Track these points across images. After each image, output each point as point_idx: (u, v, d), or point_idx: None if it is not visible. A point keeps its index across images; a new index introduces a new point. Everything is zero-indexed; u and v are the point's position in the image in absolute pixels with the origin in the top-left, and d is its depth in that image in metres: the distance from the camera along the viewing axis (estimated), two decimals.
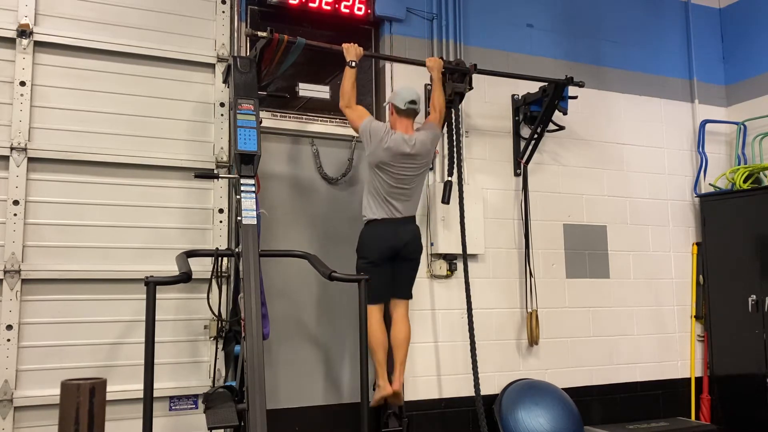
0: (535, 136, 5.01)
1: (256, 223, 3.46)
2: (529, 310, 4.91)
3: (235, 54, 4.24)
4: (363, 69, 4.10)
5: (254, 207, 3.49)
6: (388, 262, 4.01)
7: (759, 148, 5.73)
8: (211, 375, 3.94)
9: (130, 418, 3.68)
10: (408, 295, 4.16)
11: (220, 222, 4.15)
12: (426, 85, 4.63)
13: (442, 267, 4.67)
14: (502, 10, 5.19)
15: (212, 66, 4.26)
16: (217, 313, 3.84)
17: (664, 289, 5.56)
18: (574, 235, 5.23)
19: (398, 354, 4.05)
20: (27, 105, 3.79)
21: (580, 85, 4.80)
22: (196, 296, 3.98)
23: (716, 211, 5.59)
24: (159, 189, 4.06)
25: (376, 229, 3.98)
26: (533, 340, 4.87)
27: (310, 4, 4.52)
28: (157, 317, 3.03)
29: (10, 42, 3.79)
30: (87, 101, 3.95)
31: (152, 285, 3.01)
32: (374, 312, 3.96)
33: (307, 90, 4.51)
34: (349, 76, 3.97)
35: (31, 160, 3.77)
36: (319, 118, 4.54)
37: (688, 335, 5.61)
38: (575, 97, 4.94)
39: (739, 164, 5.83)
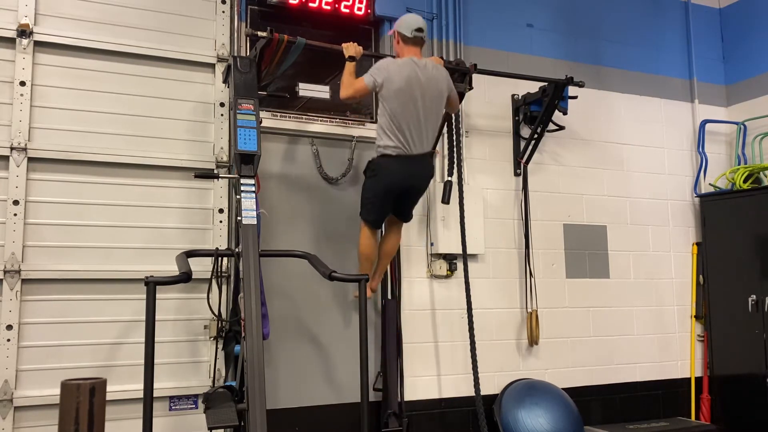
0: (535, 136, 5.01)
1: (256, 223, 3.46)
2: (529, 310, 4.91)
3: (235, 54, 4.24)
4: (363, 69, 4.10)
5: (254, 207, 3.49)
6: (395, 196, 3.97)
7: (759, 148, 5.73)
8: (211, 375, 3.94)
9: (130, 418, 3.67)
10: (407, 219, 4.19)
11: (220, 222, 4.15)
12: None
13: (442, 267, 4.66)
14: (502, 10, 5.19)
15: (212, 66, 4.26)
16: (217, 313, 3.84)
17: (664, 289, 5.56)
18: (574, 235, 5.23)
19: (382, 262, 4.23)
20: (27, 105, 3.79)
21: (580, 85, 4.80)
22: (196, 296, 3.98)
23: (716, 211, 5.59)
24: (159, 189, 4.06)
25: (389, 165, 3.85)
26: (533, 340, 4.87)
27: (310, 4, 4.52)
28: (157, 317, 3.03)
29: (10, 42, 3.79)
30: (87, 101, 3.95)
31: (152, 285, 3.01)
32: (368, 231, 4.03)
33: (307, 90, 4.51)
34: (348, 68, 3.92)
35: (31, 160, 3.77)
36: (319, 118, 4.54)
37: (688, 335, 5.61)
38: (575, 97, 4.94)
39: (739, 164, 5.83)
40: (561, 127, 5.11)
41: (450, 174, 4.49)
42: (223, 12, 4.32)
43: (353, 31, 4.74)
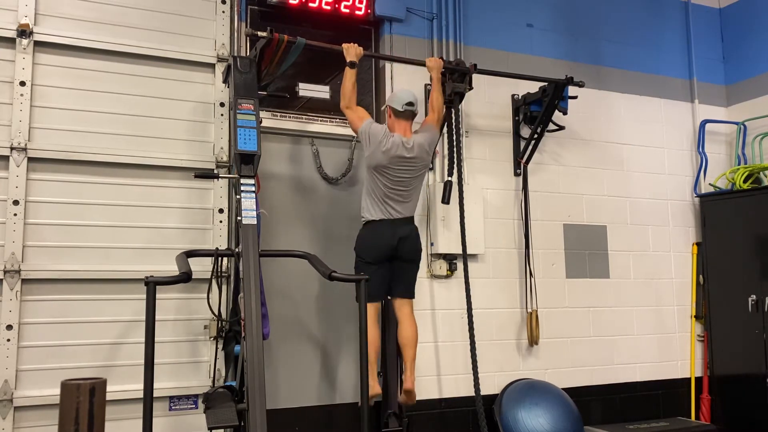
0: (535, 136, 5.01)
1: (256, 223, 3.46)
2: (529, 310, 4.91)
3: (235, 54, 4.24)
4: (363, 69, 4.11)
5: (254, 207, 3.49)
6: (387, 262, 4.01)
7: (759, 148, 5.73)
8: (211, 375, 3.94)
9: (130, 418, 3.68)
10: (411, 295, 4.17)
11: (220, 222, 4.15)
12: (426, 85, 4.64)
13: (442, 267, 4.67)
14: (502, 10, 5.19)
15: (212, 66, 4.26)
16: (217, 313, 3.84)
17: (664, 289, 5.56)
18: (574, 235, 5.23)
19: (407, 353, 4.05)
20: (27, 105, 3.79)
21: (580, 85, 4.80)
22: (196, 296, 3.98)
23: (716, 211, 5.59)
24: (159, 189, 4.06)
25: (374, 229, 3.98)
26: (533, 340, 4.87)
27: (310, 4, 4.52)
28: (157, 317, 3.02)
29: (10, 42, 3.79)
30: (87, 101, 3.95)
31: (152, 285, 3.01)
32: (369, 310, 3.97)
33: (307, 90, 4.51)
34: (349, 76, 3.97)
35: (31, 160, 3.77)
36: (319, 118, 4.54)
37: (688, 335, 5.61)
38: (575, 97, 4.94)
39: (739, 164, 5.83)
40: (561, 127, 5.11)
41: (450, 174, 4.49)
42: (223, 12, 4.32)
43: (353, 31, 4.75)
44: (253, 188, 3.54)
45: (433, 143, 4.20)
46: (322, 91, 4.56)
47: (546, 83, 4.83)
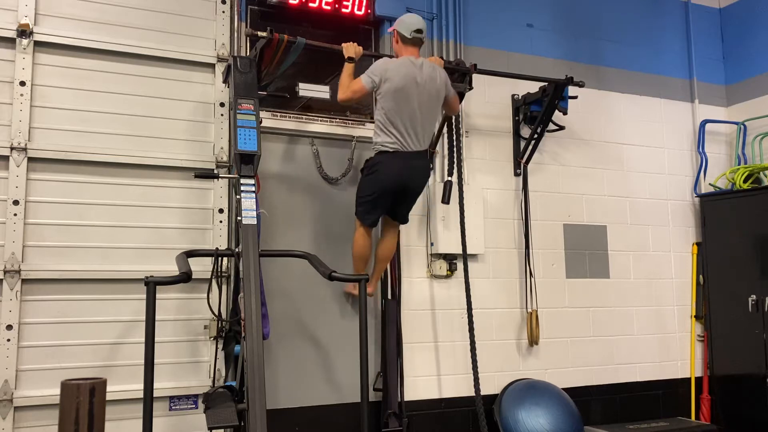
0: (535, 136, 5.01)
1: (256, 223, 3.46)
2: (529, 310, 4.91)
3: (235, 54, 4.24)
4: (363, 69, 4.10)
5: (254, 207, 3.49)
6: (392, 194, 3.97)
7: (759, 148, 5.74)
8: (211, 375, 3.94)
9: (130, 418, 3.68)
10: (404, 221, 4.19)
11: (220, 222, 4.15)
12: None
13: (442, 267, 4.67)
14: (502, 10, 5.19)
15: (212, 66, 4.26)
16: (217, 313, 3.83)
17: (664, 289, 5.56)
18: (574, 235, 5.23)
19: (378, 266, 4.26)
20: (27, 105, 3.79)
21: (580, 85, 4.80)
22: (196, 296, 3.98)
23: (716, 211, 5.59)
24: (159, 189, 4.06)
25: (387, 162, 3.87)
26: (533, 340, 4.87)
27: (310, 4, 4.52)
28: (157, 317, 3.02)
29: (10, 42, 3.79)
30: (87, 101, 3.95)
31: (152, 285, 3.01)
32: (363, 228, 4.05)
33: (307, 90, 4.50)
34: (347, 69, 3.92)
35: (31, 160, 3.77)
36: (319, 118, 4.54)
37: (688, 335, 5.61)
38: (575, 97, 4.94)
39: (739, 164, 5.83)
40: (561, 127, 5.11)
41: (450, 174, 4.49)
42: (223, 12, 4.32)
43: (353, 31, 4.75)
44: (253, 188, 3.54)
45: (444, 77, 4.04)
46: (322, 91, 4.55)
47: (546, 83, 4.83)
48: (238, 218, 3.49)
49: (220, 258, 3.81)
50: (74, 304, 3.80)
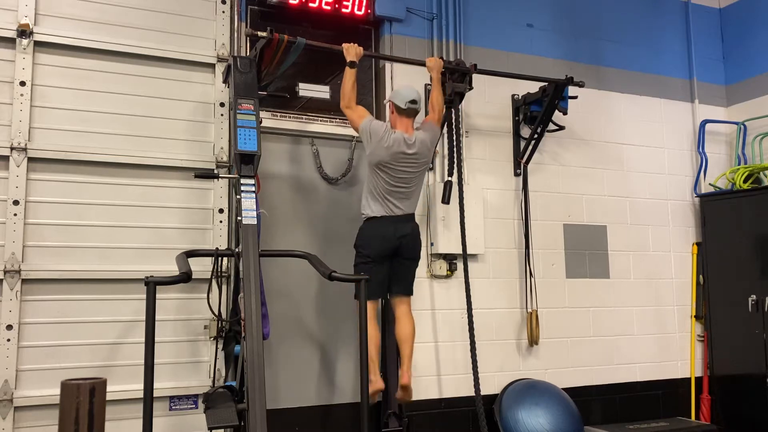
0: (535, 136, 5.01)
1: (256, 223, 3.46)
2: (529, 310, 4.91)
3: (235, 54, 4.24)
4: (363, 69, 4.11)
5: (254, 207, 3.49)
6: (387, 259, 4.00)
7: (759, 148, 5.74)
8: (211, 375, 3.94)
9: (130, 418, 3.68)
10: (409, 292, 4.16)
11: (220, 222, 4.15)
12: (426, 85, 4.63)
13: (442, 267, 4.67)
14: (502, 10, 5.19)
15: (212, 66, 4.26)
16: (217, 313, 3.83)
17: (664, 289, 5.56)
18: (574, 235, 5.23)
19: (405, 349, 4.05)
20: (27, 105, 3.79)
21: (580, 85, 4.80)
22: (196, 296, 3.98)
23: (716, 211, 5.59)
24: (159, 189, 4.06)
25: (375, 226, 3.98)
26: (533, 340, 4.87)
27: (310, 4, 4.52)
28: (157, 317, 3.02)
29: (10, 42, 3.79)
30: (87, 101, 3.95)
31: (152, 285, 3.01)
32: (368, 308, 3.97)
33: (307, 90, 4.51)
34: (349, 76, 3.97)
35: (31, 160, 3.77)
36: (319, 118, 4.54)
37: (688, 335, 5.61)
38: (575, 97, 4.94)
39: (739, 164, 5.83)
40: (561, 127, 5.11)
41: (450, 174, 4.49)
42: (223, 12, 4.32)
43: (353, 31, 4.75)
44: (253, 188, 3.54)
45: (435, 140, 4.20)
46: (322, 91, 4.56)
47: (546, 83, 4.83)
48: (238, 218, 3.49)
49: (220, 258, 3.81)
50: (74, 304, 3.80)
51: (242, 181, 3.52)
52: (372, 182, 3.99)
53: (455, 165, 4.49)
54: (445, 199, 4.44)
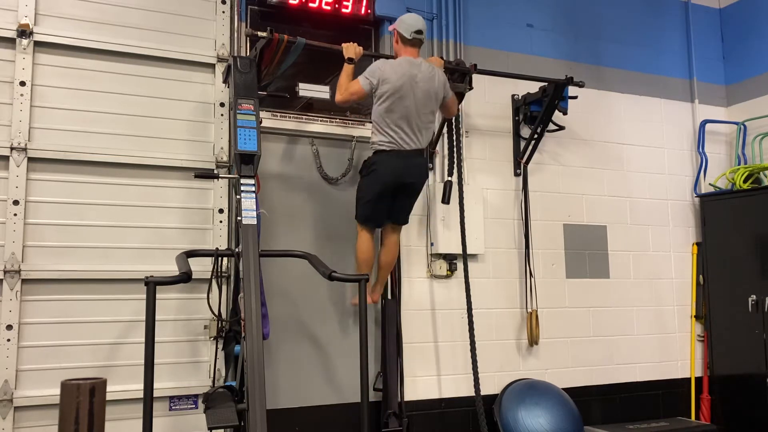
0: (535, 136, 5.01)
1: (256, 223, 3.46)
2: (529, 310, 4.91)
3: (235, 54, 4.24)
4: (363, 69, 4.10)
5: (254, 207, 3.49)
6: (390, 194, 3.97)
7: (759, 148, 5.73)
8: (211, 375, 3.94)
9: (130, 418, 3.68)
10: (405, 221, 4.19)
11: (220, 222, 4.15)
12: None
13: (442, 267, 4.66)
14: (502, 10, 5.19)
15: (212, 66, 4.26)
16: (217, 313, 3.84)
17: (664, 289, 5.56)
18: (574, 235, 5.23)
19: (382, 273, 4.23)
20: (27, 105, 3.79)
21: (580, 85, 4.80)
22: (196, 296, 3.98)
23: (716, 211, 5.59)
24: (159, 189, 4.06)
25: (385, 161, 3.88)
26: (533, 340, 4.87)
27: (310, 4, 4.52)
28: (157, 317, 3.02)
29: (10, 42, 3.79)
30: (87, 101, 3.95)
31: (152, 285, 3.01)
32: (365, 232, 4.05)
33: (307, 90, 4.50)
34: (346, 70, 3.93)
35: (31, 160, 3.77)
36: (319, 118, 4.54)
37: (688, 335, 5.61)
38: (575, 97, 4.94)
39: (739, 164, 5.83)
40: (561, 127, 5.11)
41: (450, 174, 4.49)
42: (223, 12, 4.32)
43: (353, 31, 4.74)
44: (253, 188, 3.54)
45: (443, 79, 4.05)
46: (322, 91, 4.55)
47: (546, 83, 4.83)
48: (238, 218, 3.49)
49: (220, 258, 3.81)
50: (74, 304, 3.80)
51: (242, 181, 3.52)
52: (379, 112, 3.87)
53: (455, 165, 4.49)
54: (445, 199, 4.44)
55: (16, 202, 3.71)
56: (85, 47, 3.95)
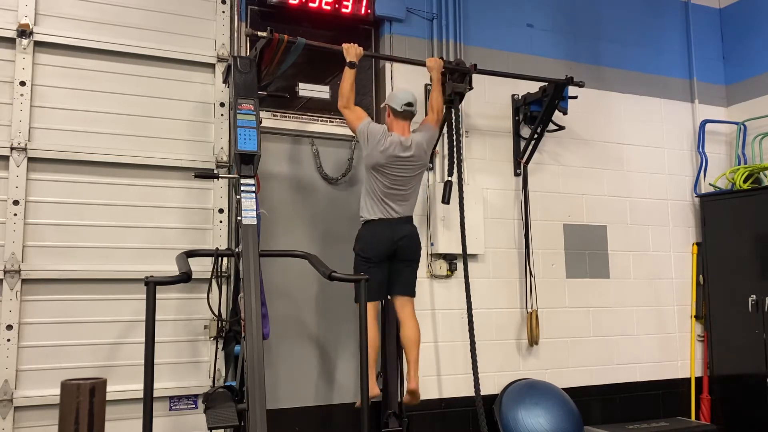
0: (535, 136, 5.01)
1: (256, 223, 3.46)
2: (529, 310, 4.91)
3: (235, 54, 4.24)
4: (363, 69, 4.11)
5: (254, 207, 3.49)
6: (386, 261, 4.00)
7: (759, 148, 5.73)
8: (211, 375, 3.94)
9: (130, 418, 3.68)
10: (411, 293, 4.15)
11: (220, 222, 4.15)
12: (426, 85, 4.64)
13: (442, 267, 4.67)
14: (502, 10, 5.19)
15: (212, 66, 4.26)
16: (217, 313, 3.84)
17: (664, 289, 5.56)
18: (574, 235, 5.23)
19: (411, 354, 4.04)
20: (27, 105, 3.79)
21: (580, 85, 4.80)
22: (196, 296, 3.98)
23: (716, 211, 5.59)
24: (159, 189, 4.06)
25: (373, 228, 3.97)
26: (533, 340, 4.87)
27: (310, 4, 4.52)
28: (157, 317, 3.02)
29: (10, 42, 3.79)
30: (87, 101, 3.95)
31: (152, 285, 3.01)
32: (368, 310, 3.96)
33: (307, 90, 4.51)
34: (348, 76, 3.97)
35: (31, 160, 3.77)
36: (319, 118, 4.54)
37: (688, 335, 5.61)
38: (575, 97, 4.94)
39: (739, 164, 5.83)
40: (561, 127, 5.11)
41: (450, 174, 4.49)
42: (223, 12, 4.32)
43: (353, 31, 4.75)
44: (253, 188, 3.54)
45: (432, 143, 4.20)
46: (322, 91, 4.56)
47: (546, 83, 4.83)
48: (238, 218, 3.49)
49: (220, 258, 3.81)
50: (74, 304, 3.80)
51: (242, 181, 3.52)
52: (369, 185, 3.99)
53: (455, 165, 4.49)
54: (445, 199, 4.44)
55: (16, 202, 3.71)
56: (85, 47, 3.96)
